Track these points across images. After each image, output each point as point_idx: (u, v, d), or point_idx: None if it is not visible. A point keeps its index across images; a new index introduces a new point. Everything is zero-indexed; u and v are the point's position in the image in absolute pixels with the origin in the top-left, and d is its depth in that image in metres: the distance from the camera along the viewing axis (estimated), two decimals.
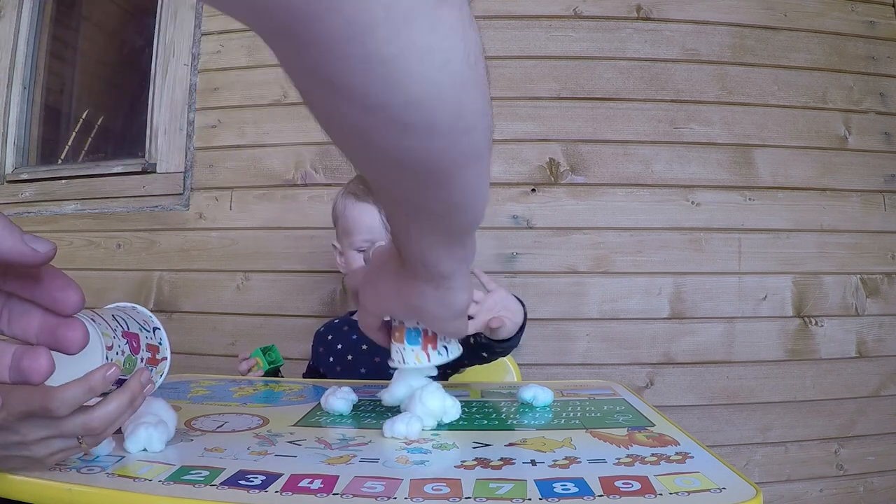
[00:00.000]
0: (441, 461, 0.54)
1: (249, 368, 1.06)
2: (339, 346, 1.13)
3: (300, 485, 0.48)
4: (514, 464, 0.53)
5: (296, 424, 0.68)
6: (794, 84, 1.55)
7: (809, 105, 1.55)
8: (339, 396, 0.73)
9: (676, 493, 0.45)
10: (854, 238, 1.52)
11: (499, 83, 1.52)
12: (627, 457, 0.54)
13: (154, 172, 1.65)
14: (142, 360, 0.56)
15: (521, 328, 0.89)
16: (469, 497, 0.45)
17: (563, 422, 0.69)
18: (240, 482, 0.48)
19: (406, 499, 0.45)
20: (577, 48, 1.54)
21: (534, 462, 0.53)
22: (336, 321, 1.20)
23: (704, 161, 1.52)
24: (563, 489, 0.46)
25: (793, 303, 1.50)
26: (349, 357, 1.10)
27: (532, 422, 0.69)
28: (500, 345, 0.89)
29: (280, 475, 0.50)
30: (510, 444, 0.59)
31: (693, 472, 0.50)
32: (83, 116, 1.96)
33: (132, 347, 0.54)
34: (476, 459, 0.54)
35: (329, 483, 0.48)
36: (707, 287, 1.49)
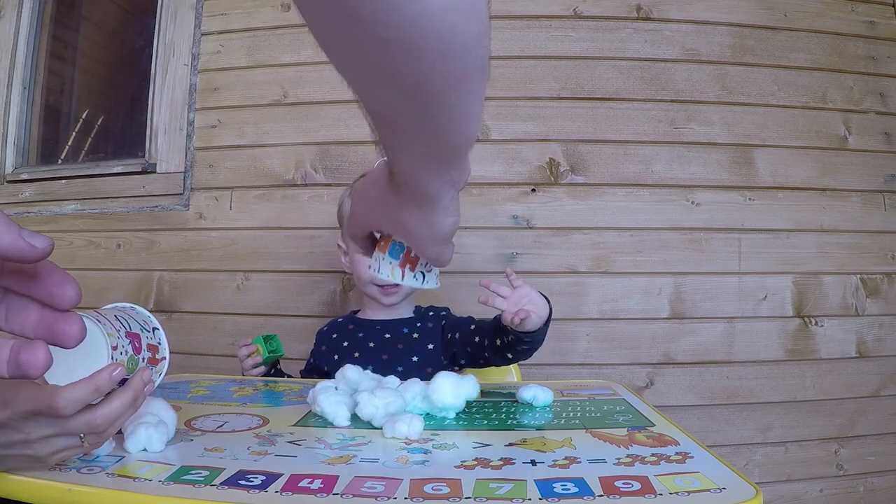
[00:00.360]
0: (441, 461, 0.54)
1: (249, 354, 1.06)
2: (345, 344, 1.13)
3: (300, 485, 0.48)
4: (514, 464, 0.53)
5: (296, 424, 0.68)
6: (794, 84, 1.55)
7: (809, 105, 1.55)
8: (334, 400, 0.69)
9: (676, 493, 0.45)
10: (854, 238, 1.52)
11: (499, 83, 1.52)
12: (627, 457, 0.54)
13: (154, 172, 1.65)
14: (143, 360, 0.56)
15: (547, 323, 0.93)
16: (469, 497, 0.45)
17: (563, 422, 0.69)
18: (240, 482, 0.48)
19: (406, 499, 0.45)
20: (577, 48, 1.54)
21: (534, 462, 0.53)
22: (340, 320, 1.20)
23: (704, 161, 1.52)
24: (563, 489, 0.46)
25: (793, 303, 1.50)
26: (356, 354, 1.10)
27: (532, 422, 0.69)
28: (527, 337, 0.93)
29: (280, 475, 0.50)
30: (510, 444, 0.59)
31: (693, 472, 0.50)
32: (83, 116, 1.96)
33: (135, 347, 0.55)
34: (476, 459, 0.54)
35: (329, 483, 0.48)
36: (707, 287, 1.49)
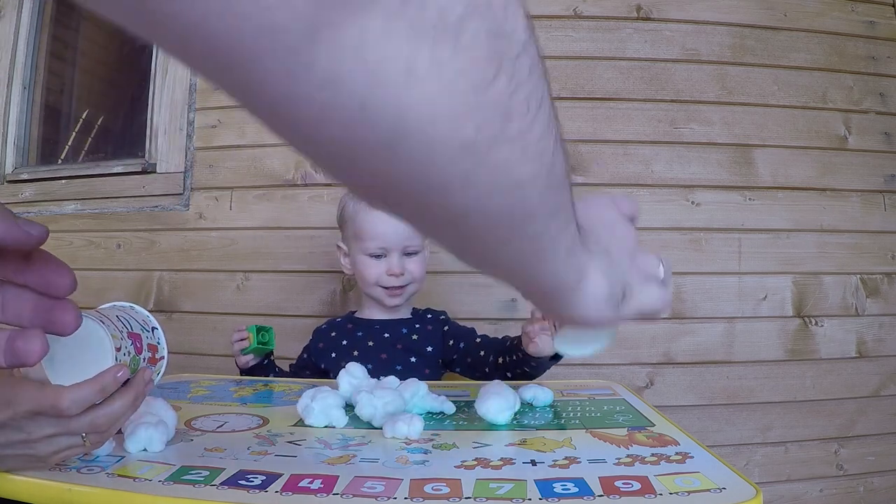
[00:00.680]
0: (441, 461, 0.54)
1: (241, 340, 1.06)
2: (344, 343, 1.12)
3: (300, 485, 0.48)
4: (514, 464, 0.53)
5: (296, 424, 0.68)
6: (794, 84, 1.55)
7: (809, 105, 1.55)
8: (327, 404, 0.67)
9: (676, 493, 0.45)
10: (854, 238, 1.52)
11: None
12: (627, 457, 0.54)
13: (154, 172, 1.65)
14: (144, 360, 0.56)
15: (554, 358, 0.94)
16: (469, 497, 0.45)
17: (563, 422, 0.69)
18: (240, 482, 0.48)
19: (406, 499, 0.45)
20: (577, 48, 1.54)
21: (534, 462, 0.53)
22: (339, 319, 1.20)
23: (704, 161, 1.52)
24: (563, 489, 0.46)
25: (793, 303, 1.50)
26: (354, 353, 1.10)
27: (532, 422, 0.69)
28: (533, 362, 0.93)
29: (280, 475, 0.50)
30: (510, 444, 0.59)
31: (693, 472, 0.50)
32: (83, 116, 1.96)
33: (136, 348, 0.55)
34: (476, 459, 0.54)
35: (329, 483, 0.48)
36: (707, 287, 1.49)
